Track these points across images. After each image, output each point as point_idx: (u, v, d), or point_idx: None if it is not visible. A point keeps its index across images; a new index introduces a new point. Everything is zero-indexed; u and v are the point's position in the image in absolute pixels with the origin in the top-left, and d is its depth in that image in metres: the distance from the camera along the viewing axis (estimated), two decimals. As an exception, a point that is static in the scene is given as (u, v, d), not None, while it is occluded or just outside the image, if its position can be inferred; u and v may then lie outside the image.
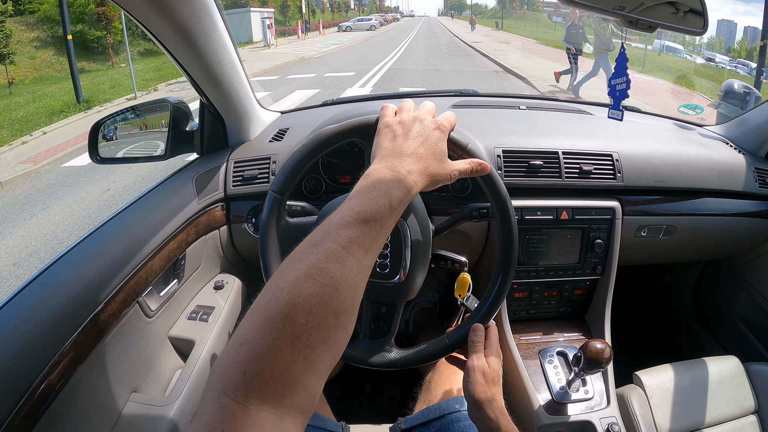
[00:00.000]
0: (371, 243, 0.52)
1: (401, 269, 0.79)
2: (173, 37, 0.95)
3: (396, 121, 0.68)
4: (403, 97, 1.64)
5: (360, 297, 0.50)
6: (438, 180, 0.66)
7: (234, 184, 1.19)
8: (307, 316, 0.43)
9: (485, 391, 0.76)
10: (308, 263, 0.46)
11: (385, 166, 0.61)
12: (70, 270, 0.91)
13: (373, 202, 0.54)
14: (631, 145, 1.24)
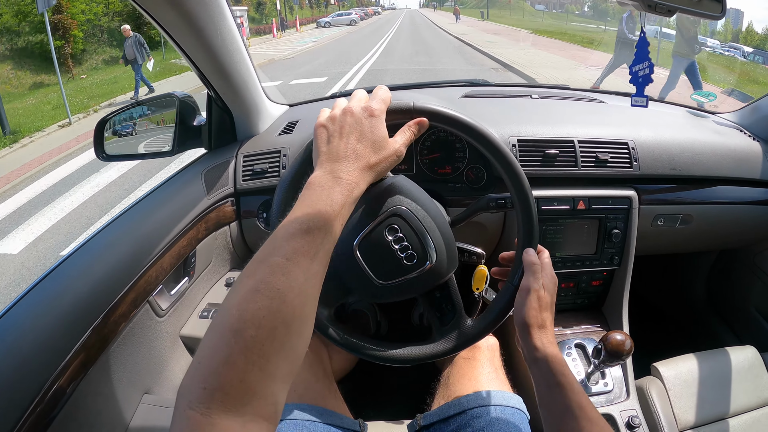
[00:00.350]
0: (317, 250, 0.54)
1: (428, 253, 0.76)
2: (181, 26, 0.93)
3: (328, 119, 0.67)
4: (415, 88, 1.63)
5: (312, 303, 0.53)
6: (384, 167, 0.67)
7: (244, 178, 1.17)
8: (257, 329, 0.45)
9: (537, 316, 0.73)
10: (255, 279, 0.49)
11: (324, 172, 0.61)
12: (78, 270, 0.90)
13: (314, 210, 0.56)
14: (646, 133, 1.22)
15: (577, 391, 0.66)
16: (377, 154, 0.65)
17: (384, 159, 0.66)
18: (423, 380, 1.07)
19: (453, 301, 0.81)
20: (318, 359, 1.03)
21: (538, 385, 0.71)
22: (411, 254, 0.76)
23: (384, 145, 0.66)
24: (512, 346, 1.22)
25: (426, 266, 0.76)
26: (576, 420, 0.63)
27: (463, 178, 1.16)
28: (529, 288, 0.74)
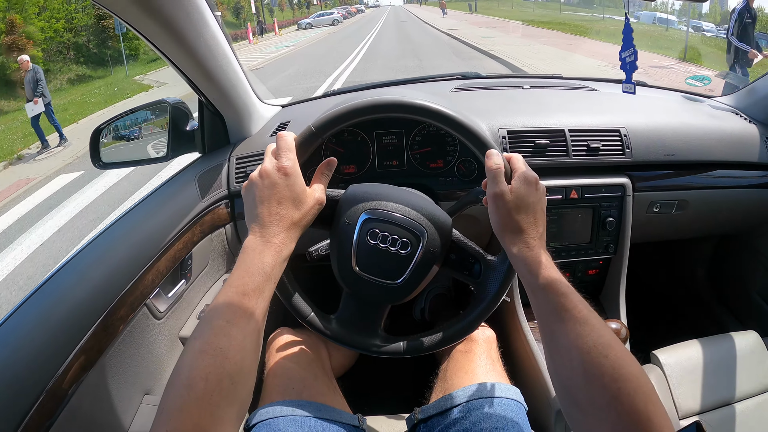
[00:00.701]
0: (252, 310, 0.62)
1: (416, 230, 0.80)
2: (164, 36, 0.94)
3: (251, 183, 0.74)
4: (406, 83, 1.63)
5: (251, 356, 0.61)
6: (309, 219, 0.75)
7: (237, 180, 1.18)
8: (205, 382, 0.54)
9: (506, 220, 0.73)
10: (202, 340, 0.58)
11: (255, 237, 0.69)
12: (75, 276, 0.91)
13: (249, 275, 0.65)
14: (638, 120, 1.22)
15: (562, 293, 0.65)
16: (299, 210, 0.72)
17: (306, 212, 0.74)
18: (421, 375, 1.08)
19: (470, 252, 0.83)
20: (317, 357, 1.04)
21: (527, 291, 0.71)
22: (404, 242, 0.78)
23: (303, 200, 0.73)
24: (509, 338, 1.22)
25: (424, 242, 0.79)
26: (563, 322, 0.62)
27: (454, 172, 1.16)
28: (492, 194, 0.74)
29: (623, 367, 0.56)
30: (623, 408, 0.53)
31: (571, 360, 0.59)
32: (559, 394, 0.63)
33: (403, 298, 0.82)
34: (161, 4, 0.86)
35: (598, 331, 0.60)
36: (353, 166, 1.18)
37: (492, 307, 0.81)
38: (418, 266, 0.79)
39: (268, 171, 0.73)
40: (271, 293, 0.67)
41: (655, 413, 0.53)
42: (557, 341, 0.63)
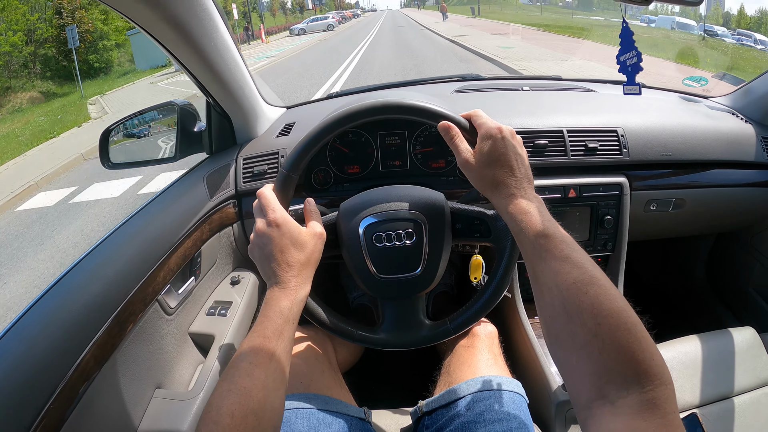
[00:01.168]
0: (273, 351, 0.68)
1: (415, 218, 0.84)
2: (179, 42, 0.97)
3: (253, 245, 0.80)
4: (407, 85, 1.66)
5: (274, 394, 0.65)
6: (316, 256, 0.80)
7: (244, 180, 1.21)
8: (231, 417, 0.59)
9: (478, 181, 0.76)
10: (228, 381, 0.64)
11: (272, 289, 0.75)
12: (89, 273, 0.94)
13: (268, 320, 0.71)
14: (635, 120, 1.24)
15: (544, 234, 0.65)
16: (303, 251, 0.78)
17: (312, 251, 0.79)
18: (424, 370, 1.10)
19: (473, 216, 0.86)
20: (324, 353, 1.06)
21: (515, 238, 0.72)
22: (408, 233, 0.83)
23: (303, 240, 0.78)
24: (510, 333, 1.24)
25: (426, 225, 0.83)
26: (544, 261, 0.62)
27: (456, 172, 1.19)
28: (460, 163, 0.78)
29: (603, 302, 0.54)
30: (603, 345, 0.51)
31: (552, 298, 0.59)
32: (544, 335, 0.62)
33: (430, 284, 0.86)
34: (175, 10, 0.89)
35: (580, 267, 0.59)
36: (357, 166, 1.21)
37: (515, 255, 0.84)
38: (430, 249, 0.83)
39: (261, 229, 0.79)
40: (291, 334, 0.72)
41: (640, 349, 0.50)
42: (539, 281, 0.63)
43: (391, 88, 1.60)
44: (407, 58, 14.20)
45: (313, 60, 16.69)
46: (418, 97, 0.87)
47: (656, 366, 0.49)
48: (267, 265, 0.77)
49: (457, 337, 1.03)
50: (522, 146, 0.79)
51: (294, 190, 0.85)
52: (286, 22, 48.95)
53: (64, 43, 16.65)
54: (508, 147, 0.76)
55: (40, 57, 18.39)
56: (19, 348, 0.77)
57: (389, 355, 1.24)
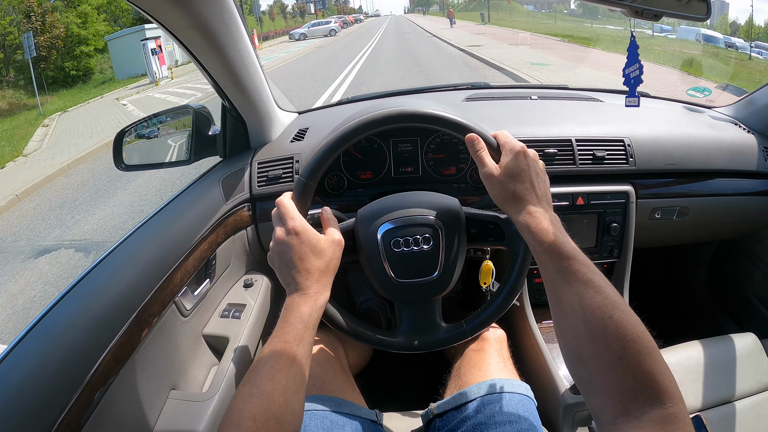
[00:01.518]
0: (294, 355, 0.69)
1: (431, 223, 0.86)
2: (205, 47, 1.00)
3: (273, 252, 0.81)
4: (417, 92, 1.68)
5: (294, 398, 0.67)
6: (335, 263, 0.81)
7: (259, 184, 1.23)
8: (253, 421, 0.60)
9: (500, 193, 0.78)
10: (250, 385, 0.65)
11: (292, 296, 0.76)
12: (110, 274, 0.95)
13: (289, 325, 0.72)
14: (642, 130, 1.27)
15: (566, 256, 0.67)
16: (322, 258, 0.79)
17: (330, 258, 0.80)
18: (435, 373, 1.12)
19: (487, 221, 0.88)
20: (335, 356, 1.08)
21: (534, 256, 0.75)
22: (425, 238, 0.85)
23: (322, 247, 0.79)
24: (518, 338, 1.26)
25: (442, 231, 0.85)
26: (568, 284, 0.65)
27: (467, 178, 1.21)
28: (483, 175, 0.80)
29: (627, 327, 0.58)
30: (628, 367, 0.55)
31: (576, 321, 0.62)
32: (565, 355, 0.65)
33: (446, 287, 0.88)
34: (206, 17, 0.92)
35: (603, 292, 0.62)
36: (369, 171, 1.23)
37: (528, 258, 0.86)
38: (447, 253, 0.85)
39: (281, 238, 0.80)
40: (311, 339, 0.74)
41: (659, 372, 0.54)
42: (562, 303, 0.65)
43: (402, 95, 1.62)
44: (415, 73, 12.33)
45: (306, 70, 14.75)
46: (436, 106, 0.89)
47: (673, 387, 0.54)
48: (287, 272, 0.78)
49: (467, 341, 1.05)
50: (544, 171, 0.81)
51: (312, 197, 0.87)
52: (287, 26, 46.30)
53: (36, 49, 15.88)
54: (530, 165, 0.79)
55: (15, 63, 17.82)
56: (43, 348, 0.79)
57: (398, 359, 1.26)
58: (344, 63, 15.32)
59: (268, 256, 0.83)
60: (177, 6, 0.86)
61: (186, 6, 0.87)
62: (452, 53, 15.79)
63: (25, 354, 0.78)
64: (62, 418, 0.72)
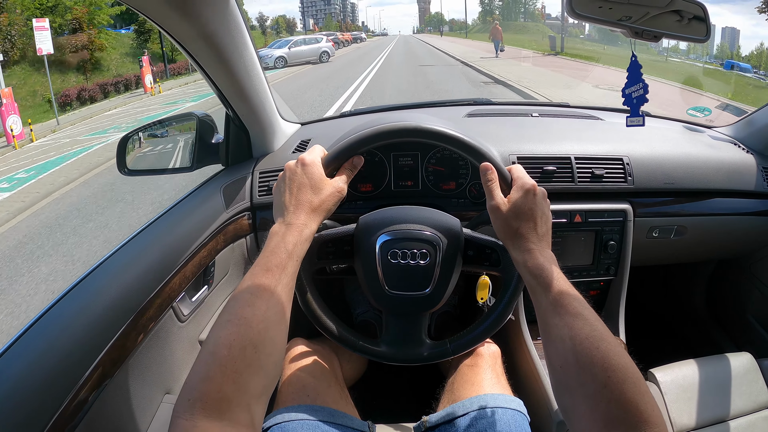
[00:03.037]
0: (276, 284, 0.67)
1: (431, 239, 0.87)
2: (209, 55, 1.02)
3: (277, 183, 0.82)
4: (420, 107, 1.70)
5: (275, 328, 0.64)
6: (328, 206, 0.80)
7: (260, 193, 1.24)
8: (229, 349, 0.58)
9: (505, 228, 0.79)
10: (228, 312, 0.63)
11: (278, 222, 0.76)
12: (109, 276, 0.97)
13: (272, 254, 0.70)
14: (640, 149, 1.28)
15: (558, 291, 0.69)
16: (317, 195, 0.79)
17: (325, 198, 0.80)
18: (428, 387, 1.12)
19: (485, 245, 0.89)
20: (330, 367, 1.08)
21: (528, 290, 0.76)
22: (423, 253, 0.86)
23: (321, 186, 0.80)
24: (513, 354, 1.27)
25: (440, 248, 0.86)
26: (558, 316, 0.66)
27: (466, 194, 1.22)
28: (490, 207, 0.81)
29: (613, 357, 0.59)
30: (613, 396, 0.56)
31: (565, 350, 0.63)
32: (552, 383, 0.67)
33: (436, 304, 0.89)
34: (213, 27, 0.95)
35: (591, 324, 0.64)
36: (370, 184, 1.24)
37: (520, 287, 0.87)
38: (442, 271, 0.86)
39: (290, 165, 0.82)
40: (294, 270, 0.72)
41: (643, 401, 0.56)
42: (552, 333, 0.67)
43: (405, 110, 1.64)
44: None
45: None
46: (440, 122, 0.91)
47: (655, 415, 0.55)
48: (280, 197, 0.79)
49: (461, 356, 1.05)
50: (549, 210, 0.83)
51: (334, 173, 0.86)
52: (265, 43, 32.31)
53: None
54: (537, 205, 0.80)
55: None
56: (40, 347, 0.80)
57: (392, 371, 1.26)
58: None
59: (275, 182, 0.84)
60: (186, 17, 0.88)
61: (194, 17, 0.89)
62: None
63: (23, 352, 0.79)
64: (56, 418, 0.73)
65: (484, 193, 1.02)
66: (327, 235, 0.88)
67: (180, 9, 0.86)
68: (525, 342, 1.23)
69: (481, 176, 0.84)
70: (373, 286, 0.87)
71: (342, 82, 14.13)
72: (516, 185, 0.82)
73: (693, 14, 0.99)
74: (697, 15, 0.99)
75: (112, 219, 5.63)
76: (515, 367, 1.22)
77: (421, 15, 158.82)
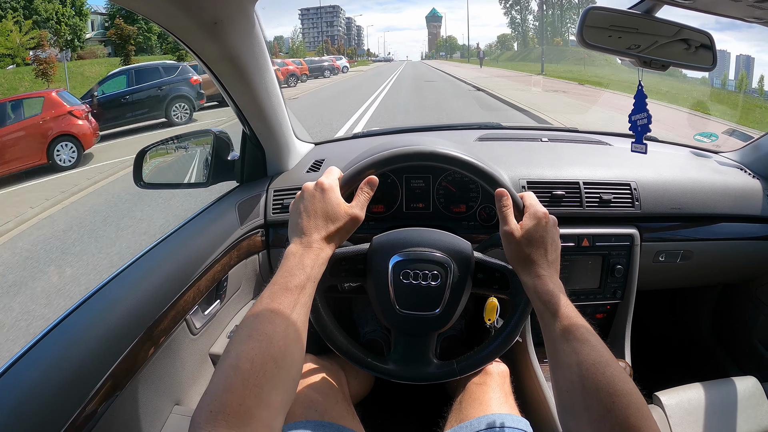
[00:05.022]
0: (295, 303, 0.68)
1: (442, 260, 0.88)
2: (232, 76, 1.06)
3: (297, 199, 0.84)
4: (431, 130, 1.73)
5: (293, 345, 0.66)
6: (343, 233, 0.82)
7: (274, 211, 1.27)
8: (251, 363, 0.59)
9: (516, 254, 0.82)
10: (248, 327, 0.64)
11: (295, 245, 0.78)
12: (126, 287, 1.00)
13: (290, 274, 0.72)
14: (648, 174, 1.30)
15: (566, 317, 0.71)
16: (333, 223, 0.80)
17: (340, 227, 0.81)
18: (435, 405, 1.13)
19: (495, 268, 0.91)
20: (338, 384, 1.09)
21: (537, 315, 0.78)
22: (434, 275, 0.88)
23: (337, 214, 0.81)
24: (520, 374, 1.28)
25: (451, 270, 0.88)
26: (566, 342, 0.69)
27: (476, 217, 1.24)
28: (503, 232, 0.84)
29: (618, 383, 0.61)
30: (616, 420, 0.58)
31: (572, 375, 0.66)
32: (558, 406, 0.69)
33: (445, 324, 0.91)
34: (238, 49, 0.99)
35: (597, 351, 0.66)
36: (382, 206, 1.26)
37: (528, 311, 0.89)
38: (452, 293, 0.88)
39: (308, 187, 0.83)
40: (312, 291, 0.73)
41: (646, 426, 0.58)
42: (560, 358, 0.69)
43: (417, 132, 1.67)
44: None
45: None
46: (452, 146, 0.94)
47: None
48: (297, 219, 0.81)
49: (470, 374, 1.07)
50: (558, 237, 0.86)
51: (351, 194, 0.89)
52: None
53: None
54: (548, 232, 0.83)
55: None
56: (56, 353, 0.82)
57: (399, 389, 1.27)
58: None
59: (291, 204, 0.85)
60: (214, 40, 0.93)
61: (221, 40, 0.94)
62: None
63: (39, 358, 0.81)
64: (67, 426, 0.75)
65: (494, 217, 1.04)
66: (341, 253, 0.90)
67: (209, 32, 0.90)
68: (532, 364, 1.24)
69: (496, 202, 0.86)
70: (385, 304, 0.89)
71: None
72: (528, 212, 0.85)
73: (700, 43, 1.02)
74: (704, 43, 1.02)
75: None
76: (521, 389, 1.22)
77: (431, 40, 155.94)
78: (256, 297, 1.36)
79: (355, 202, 0.85)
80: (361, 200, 0.85)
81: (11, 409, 0.73)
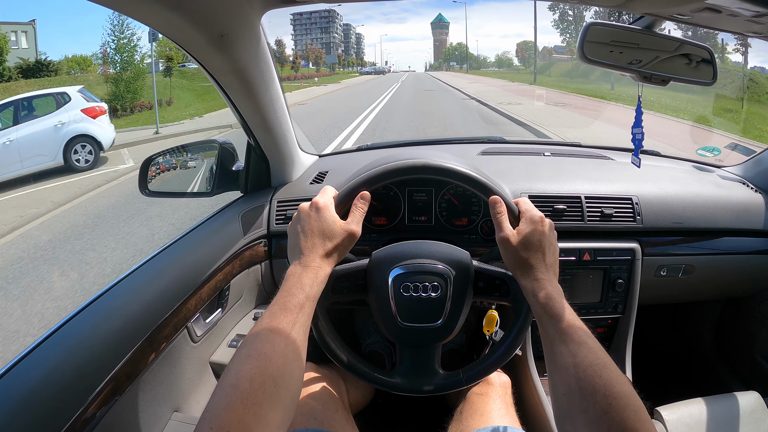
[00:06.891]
0: (294, 322, 0.70)
1: (442, 272, 0.89)
2: (239, 88, 1.08)
3: (292, 222, 0.85)
4: (435, 143, 1.74)
5: (292, 364, 0.67)
6: (341, 250, 0.83)
7: (277, 222, 1.28)
8: (250, 382, 0.60)
9: (514, 260, 0.82)
10: (248, 347, 0.65)
11: (294, 264, 0.79)
12: (129, 293, 1.01)
13: (290, 294, 0.73)
14: (649, 189, 1.31)
15: (564, 320, 0.72)
16: (331, 241, 0.82)
17: (337, 244, 0.82)
18: (435, 415, 1.13)
19: (495, 276, 0.91)
20: (338, 393, 1.09)
21: (535, 318, 0.78)
22: (434, 286, 0.88)
23: (334, 231, 0.82)
24: (520, 387, 1.28)
25: (451, 280, 0.88)
26: (564, 344, 0.69)
27: (477, 230, 1.25)
28: (499, 239, 0.84)
29: (615, 385, 0.62)
30: (613, 422, 0.58)
31: (568, 377, 0.66)
32: (555, 410, 0.69)
33: (448, 335, 0.91)
34: (245, 62, 1.01)
35: (595, 353, 0.66)
36: (384, 218, 1.27)
37: (530, 317, 0.89)
38: (453, 303, 0.88)
39: (303, 208, 0.85)
40: (311, 310, 0.75)
41: (643, 428, 0.58)
42: (557, 361, 0.69)
43: (421, 146, 1.69)
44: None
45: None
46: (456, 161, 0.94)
47: None
48: (295, 240, 0.82)
49: (472, 384, 1.07)
50: (556, 241, 0.86)
51: (345, 212, 0.90)
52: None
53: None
54: (545, 236, 0.83)
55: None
56: (58, 356, 0.83)
57: (399, 400, 1.27)
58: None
59: (289, 226, 0.86)
60: (220, 53, 0.94)
61: (228, 53, 0.95)
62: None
63: (40, 360, 0.82)
64: (67, 427, 0.76)
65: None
66: (341, 270, 0.90)
67: (216, 45, 0.92)
68: (532, 378, 1.24)
69: (490, 209, 0.87)
70: (387, 318, 0.89)
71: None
72: (524, 217, 0.85)
73: (701, 57, 1.03)
74: (705, 58, 1.03)
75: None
76: (522, 399, 1.22)
77: (437, 47, 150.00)
78: (258, 306, 1.38)
79: (350, 218, 0.86)
80: (357, 216, 0.86)
81: (11, 409, 0.74)
